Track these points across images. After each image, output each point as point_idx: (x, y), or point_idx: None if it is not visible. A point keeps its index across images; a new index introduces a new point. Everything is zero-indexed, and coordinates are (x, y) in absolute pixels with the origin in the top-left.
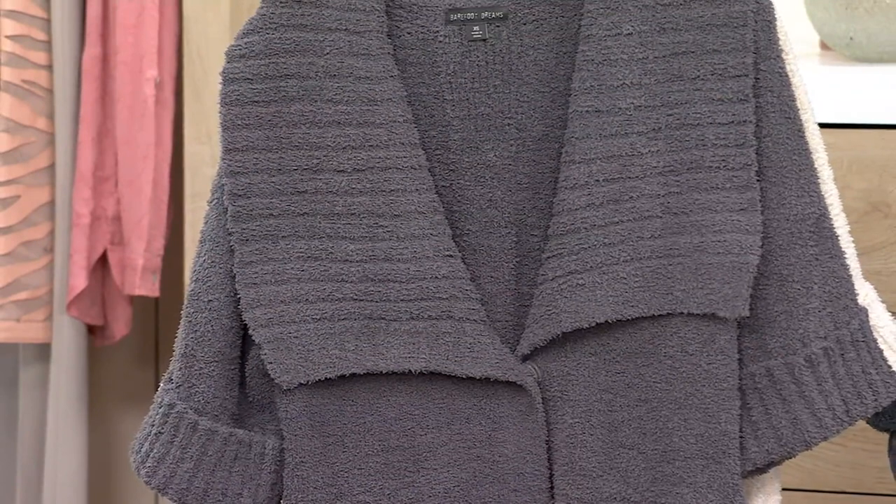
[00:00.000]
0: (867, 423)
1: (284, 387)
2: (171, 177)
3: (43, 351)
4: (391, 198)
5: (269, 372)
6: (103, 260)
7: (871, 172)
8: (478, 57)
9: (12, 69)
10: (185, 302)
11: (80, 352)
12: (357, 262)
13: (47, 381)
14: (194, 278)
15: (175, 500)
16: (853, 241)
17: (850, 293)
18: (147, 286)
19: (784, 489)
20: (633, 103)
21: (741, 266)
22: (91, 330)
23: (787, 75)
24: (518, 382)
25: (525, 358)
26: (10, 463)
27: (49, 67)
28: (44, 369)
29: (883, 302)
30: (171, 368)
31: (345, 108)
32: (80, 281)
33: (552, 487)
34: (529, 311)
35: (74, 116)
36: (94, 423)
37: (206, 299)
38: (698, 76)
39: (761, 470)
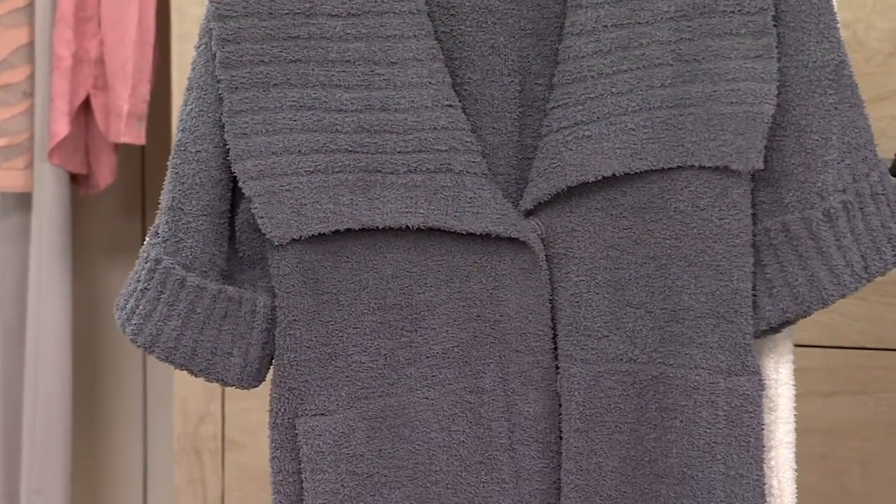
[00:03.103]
0: None
1: (276, 242)
2: (157, 17)
3: (24, 200)
4: (388, 44)
5: (261, 227)
6: (86, 105)
7: None
8: None
9: None
10: (172, 153)
11: (63, 201)
12: (352, 111)
13: (29, 231)
14: (181, 128)
15: (162, 359)
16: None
17: (870, 144)
18: (132, 133)
19: (801, 345)
20: None
21: (755, 116)
22: (74, 179)
23: None
24: (521, 239)
25: (528, 213)
26: None
27: None
28: (25, 220)
29: None
30: (156, 222)
31: None
32: (61, 127)
33: (555, 348)
34: (533, 164)
35: None
36: (79, 276)
37: (193, 150)
38: None
39: (774, 329)
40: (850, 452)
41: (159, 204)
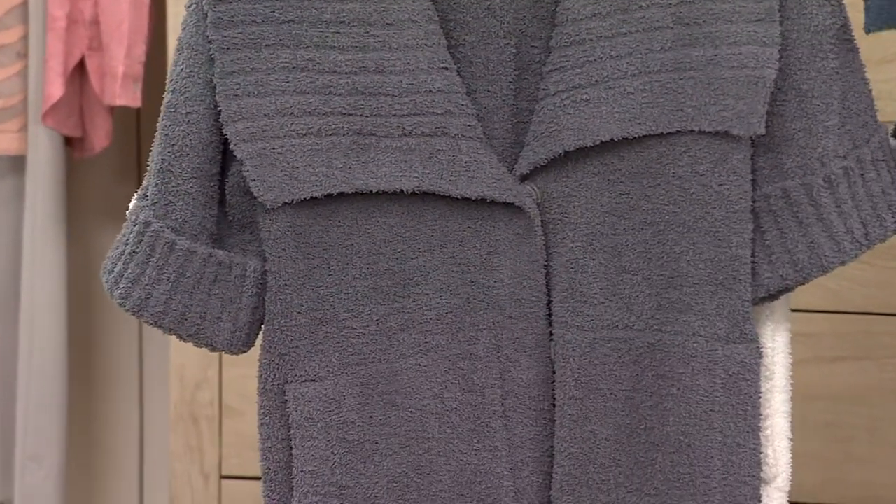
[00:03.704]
0: None
1: (268, 206)
2: None
3: (17, 163)
4: (383, 5)
5: (253, 190)
6: (81, 67)
7: None
8: None
9: None
10: (162, 114)
11: (58, 165)
12: (346, 73)
13: (23, 195)
14: (171, 89)
15: (150, 324)
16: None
17: (870, 109)
18: (128, 95)
19: (806, 311)
20: None
21: (757, 80)
22: (69, 142)
23: None
24: (516, 203)
25: (523, 178)
26: None
27: None
28: (19, 183)
29: None
30: (144, 184)
31: None
32: (56, 89)
33: (550, 315)
34: (529, 128)
35: None
36: (73, 241)
37: (183, 111)
38: None
39: (772, 297)
40: (856, 419)
41: (148, 166)
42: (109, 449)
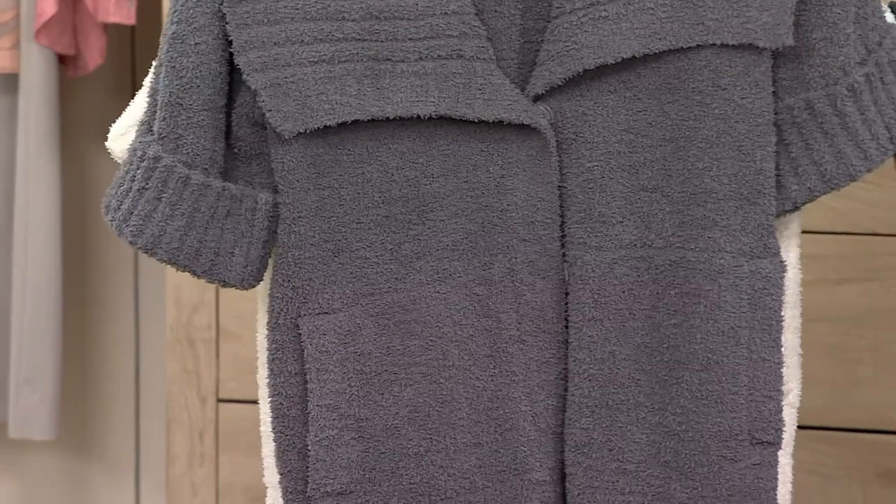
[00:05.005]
0: None
1: (286, 136)
2: None
3: (10, 82)
4: None
5: (270, 120)
6: None
7: None
8: None
9: None
10: (166, 46)
11: (51, 83)
12: None
13: (16, 114)
14: (176, 19)
15: (164, 261)
16: None
17: (878, 10)
18: (122, 13)
19: (812, 232)
20: None
21: None
22: (62, 60)
23: None
24: (531, 125)
25: (536, 98)
26: None
27: None
28: (12, 101)
29: None
30: (144, 118)
31: None
32: (49, 5)
33: (563, 236)
34: (542, 47)
35: None
36: (67, 160)
37: (192, 42)
38: None
39: (796, 209)
40: (862, 341)
41: (149, 98)
42: (105, 372)
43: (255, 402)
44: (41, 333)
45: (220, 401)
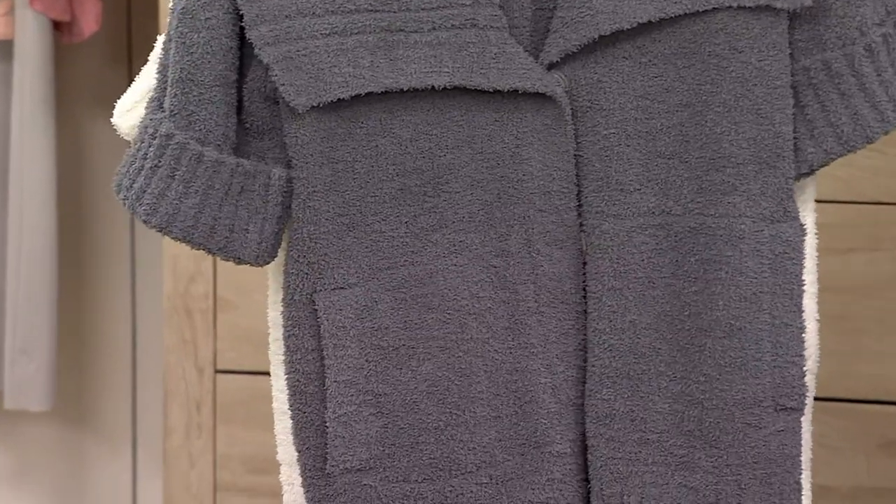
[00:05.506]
0: None
1: (299, 110)
2: None
3: (5, 48)
4: None
5: (283, 95)
6: None
7: None
8: None
9: None
10: (175, 21)
11: (46, 49)
12: None
13: (10, 81)
14: None
15: (179, 239)
16: None
17: None
18: None
19: (816, 201)
20: None
21: None
22: (57, 26)
23: None
24: (546, 93)
25: (550, 66)
26: None
27: None
28: (6, 68)
29: None
30: (154, 95)
31: None
32: None
33: (580, 206)
34: (555, 14)
35: None
36: (63, 127)
37: (203, 17)
38: None
39: (812, 172)
40: (867, 311)
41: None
42: (102, 342)
43: (252, 372)
44: (37, 303)
45: (217, 371)
